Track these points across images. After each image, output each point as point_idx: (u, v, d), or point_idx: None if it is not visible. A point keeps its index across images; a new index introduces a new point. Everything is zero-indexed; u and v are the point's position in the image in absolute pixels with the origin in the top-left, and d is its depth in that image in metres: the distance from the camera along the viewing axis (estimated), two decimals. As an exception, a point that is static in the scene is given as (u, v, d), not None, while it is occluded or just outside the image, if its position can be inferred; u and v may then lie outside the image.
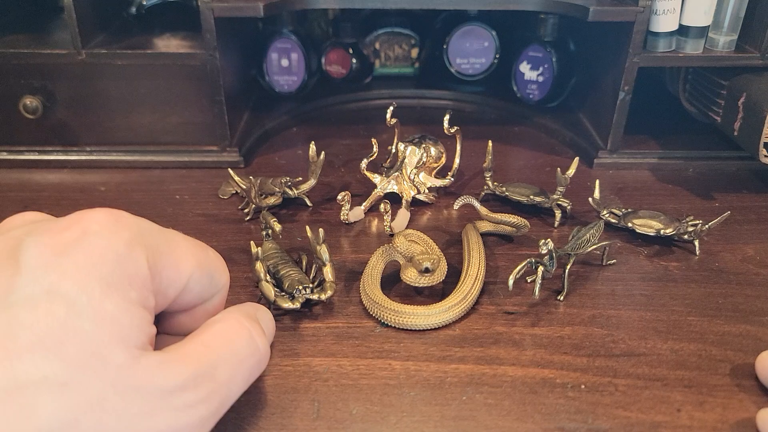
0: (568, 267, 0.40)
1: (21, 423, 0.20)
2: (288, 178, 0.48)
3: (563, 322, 0.37)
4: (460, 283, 0.39)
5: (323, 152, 0.48)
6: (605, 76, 0.56)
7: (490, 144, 0.48)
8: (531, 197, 0.48)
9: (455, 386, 0.33)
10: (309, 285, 0.37)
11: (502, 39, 0.67)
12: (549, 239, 0.37)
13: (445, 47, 0.67)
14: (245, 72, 0.64)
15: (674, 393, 0.32)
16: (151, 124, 0.55)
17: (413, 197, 0.49)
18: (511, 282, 0.37)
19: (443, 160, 0.51)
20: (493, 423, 0.31)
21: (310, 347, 0.35)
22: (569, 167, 0.45)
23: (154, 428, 0.22)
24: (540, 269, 0.38)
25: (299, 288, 0.37)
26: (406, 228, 0.46)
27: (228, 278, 0.30)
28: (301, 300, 0.37)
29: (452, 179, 0.50)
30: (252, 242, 0.40)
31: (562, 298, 0.39)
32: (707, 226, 0.43)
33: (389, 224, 0.45)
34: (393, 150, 0.52)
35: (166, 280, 0.25)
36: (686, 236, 0.44)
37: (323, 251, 0.38)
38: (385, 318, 0.37)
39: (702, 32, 0.50)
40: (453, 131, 0.49)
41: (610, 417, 0.31)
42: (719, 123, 0.53)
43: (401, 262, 0.40)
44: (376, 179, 0.49)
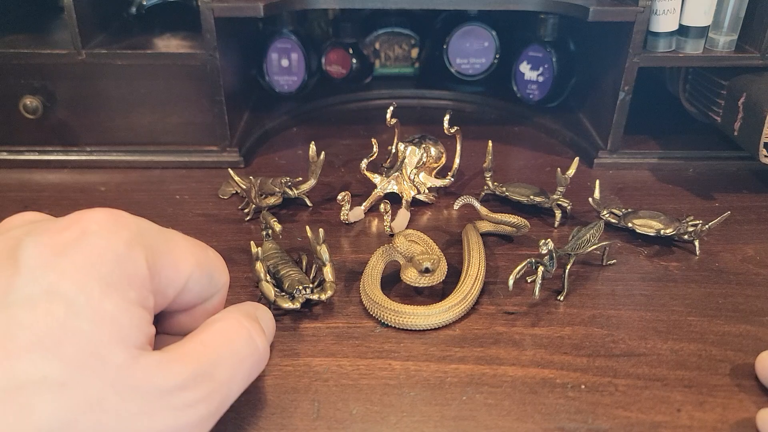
0: (568, 267, 0.40)
1: (20, 423, 0.20)
2: (288, 178, 0.48)
3: (563, 322, 0.37)
4: (460, 283, 0.39)
5: (323, 152, 0.48)
6: (605, 76, 0.56)
7: (490, 144, 0.48)
8: (531, 197, 0.48)
9: (455, 386, 0.33)
10: (309, 285, 0.37)
11: (502, 39, 0.67)
12: (549, 239, 0.37)
13: (445, 47, 0.67)
14: (245, 72, 0.64)
15: (674, 393, 0.32)
16: (151, 124, 0.55)
17: (413, 197, 0.49)
18: (511, 282, 0.37)
19: (443, 160, 0.51)
20: (493, 423, 0.31)
21: (310, 347, 0.35)
22: (569, 167, 0.45)
23: (154, 428, 0.22)
24: (540, 269, 0.38)
25: (299, 288, 0.37)
26: (406, 228, 0.46)
27: (228, 278, 0.30)
28: (301, 300, 0.37)
29: (452, 179, 0.50)
30: (252, 242, 0.39)
31: (562, 298, 0.39)
32: (707, 226, 0.43)
33: (389, 224, 0.45)
34: (393, 150, 0.52)
35: (166, 280, 0.25)
36: (686, 236, 0.44)
37: (323, 251, 0.38)
38: (385, 318, 0.37)
39: (702, 32, 0.50)
40: (453, 131, 0.49)
41: (610, 417, 0.31)
42: (719, 123, 0.53)
43: (401, 262, 0.40)
44: (376, 179, 0.49)
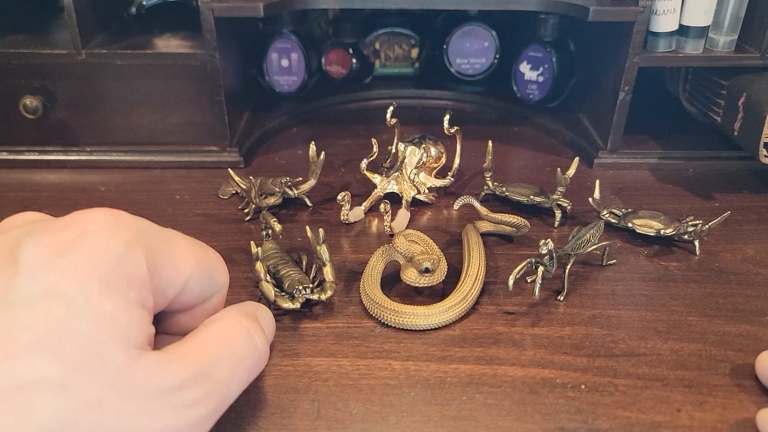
0: (568, 267, 0.39)
1: (20, 423, 0.20)
2: (288, 178, 0.48)
3: (563, 322, 0.37)
4: (460, 283, 0.39)
5: (323, 152, 0.48)
6: (605, 76, 0.56)
7: (490, 144, 0.48)
8: (531, 197, 0.48)
9: (455, 386, 0.33)
10: (309, 285, 0.37)
11: (502, 39, 0.67)
12: (549, 239, 0.37)
13: (445, 47, 0.67)
14: (245, 72, 0.64)
15: (674, 393, 0.32)
16: (151, 124, 0.55)
17: (413, 197, 0.49)
18: (511, 282, 0.37)
19: (443, 160, 0.51)
20: (493, 423, 0.31)
21: (310, 347, 0.35)
22: (569, 167, 0.45)
23: (153, 428, 0.22)
24: (540, 269, 0.38)
25: (299, 288, 0.37)
26: (406, 228, 0.46)
27: (227, 278, 0.30)
28: (301, 300, 0.37)
29: (452, 179, 0.50)
30: (252, 242, 0.39)
31: (562, 298, 0.39)
32: (707, 226, 0.43)
33: (389, 224, 0.45)
34: (393, 150, 0.52)
35: (165, 280, 0.25)
36: (686, 236, 0.44)
37: (323, 251, 0.38)
38: (385, 318, 0.37)
39: (702, 32, 0.50)
40: (453, 131, 0.49)
41: (610, 417, 0.31)
42: (719, 123, 0.53)
43: (401, 262, 0.40)
44: (376, 179, 0.49)
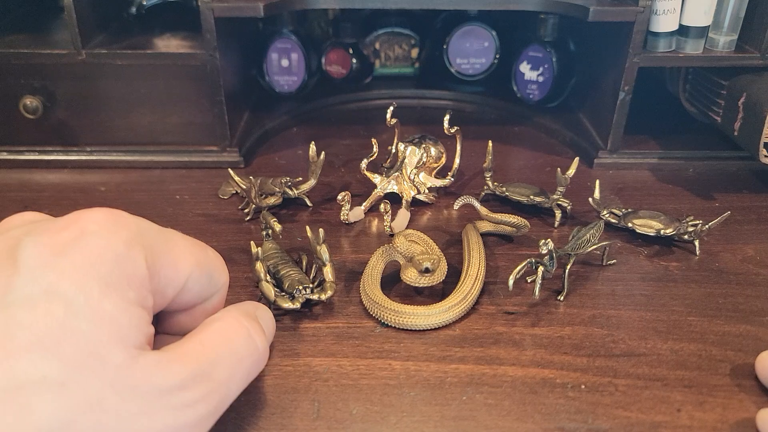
0: (568, 267, 0.39)
1: (20, 423, 0.20)
2: (288, 178, 0.48)
3: (563, 322, 0.37)
4: (460, 283, 0.39)
5: (323, 152, 0.48)
6: (605, 76, 0.56)
7: (490, 144, 0.48)
8: (531, 197, 0.48)
9: (455, 386, 0.33)
10: (309, 285, 0.37)
11: (502, 39, 0.67)
12: (549, 239, 0.37)
13: (445, 47, 0.67)
14: (245, 72, 0.64)
15: (674, 393, 0.32)
16: (151, 124, 0.55)
17: (413, 197, 0.49)
18: (511, 282, 0.37)
19: (443, 160, 0.51)
20: (493, 423, 0.31)
21: (310, 347, 0.35)
22: (569, 167, 0.45)
23: (153, 428, 0.22)
24: (540, 269, 0.38)
25: (299, 288, 0.37)
26: (406, 228, 0.46)
27: (227, 278, 0.30)
28: (301, 300, 0.37)
29: (452, 179, 0.50)
30: (252, 242, 0.39)
31: (562, 298, 0.39)
32: (707, 226, 0.43)
33: (389, 224, 0.45)
34: (393, 150, 0.52)
35: (165, 280, 0.25)
36: (686, 236, 0.44)
37: (323, 251, 0.38)
38: (385, 318, 0.37)
39: (702, 32, 0.50)
40: (453, 131, 0.49)
41: (610, 417, 0.31)
42: (719, 123, 0.53)
43: (401, 262, 0.40)
44: (376, 179, 0.49)
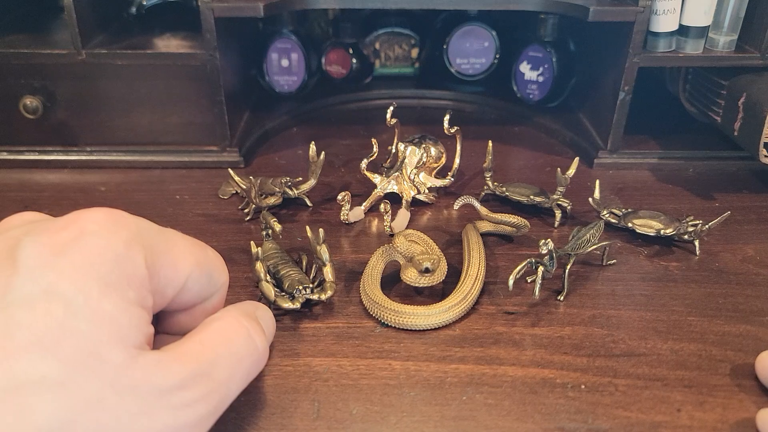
0: (568, 267, 0.39)
1: (19, 423, 0.20)
2: (288, 178, 0.48)
3: (563, 322, 0.37)
4: (460, 283, 0.39)
5: (323, 152, 0.48)
6: (605, 76, 0.56)
7: (490, 144, 0.48)
8: (531, 197, 0.48)
9: (455, 386, 0.33)
10: (309, 285, 0.37)
11: (502, 39, 0.67)
12: (549, 239, 0.37)
13: (445, 47, 0.67)
14: (245, 72, 0.64)
15: (674, 393, 0.32)
16: (151, 124, 0.55)
17: (413, 197, 0.49)
18: (511, 282, 0.37)
19: (443, 160, 0.51)
20: (493, 423, 0.31)
21: (310, 347, 0.35)
22: (569, 167, 0.45)
23: (153, 427, 0.22)
24: (540, 269, 0.38)
25: (299, 288, 0.37)
26: (406, 228, 0.46)
27: (227, 277, 0.30)
28: (301, 300, 0.37)
29: (452, 179, 0.50)
30: (252, 242, 0.39)
31: (562, 298, 0.39)
32: (707, 226, 0.43)
33: (389, 224, 0.45)
34: (393, 150, 0.52)
35: (165, 280, 0.25)
36: (686, 236, 0.44)
37: (323, 251, 0.38)
38: (385, 318, 0.36)
39: (702, 32, 0.50)
40: (453, 131, 0.49)
41: (610, 417, 0.31)
42: (719, 123, 0.53)
43: (401, 262, 0.40)
44: (376, 179, 0.49)
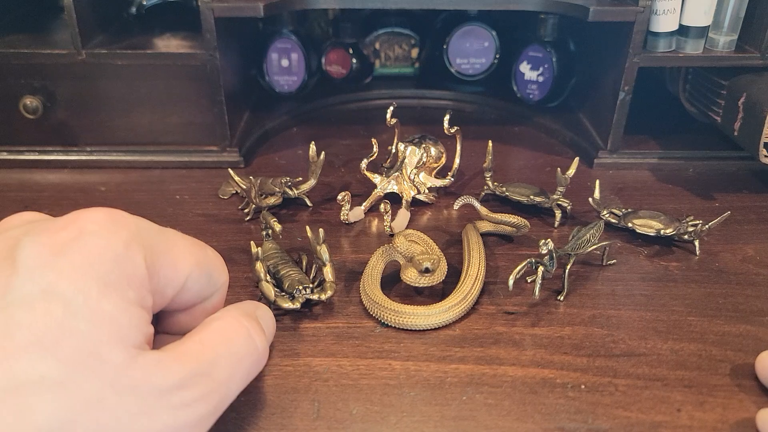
0: (568, 267, 0.39)
1: (19, 423, 0.20)
2: (288, 178, 0.48)
3: (563, 322, 0.37)
4: (460, 283, 0.38)
5: (323, 152, 0.48)
6: (605, 76, 0.56)
7: (490, 144, 0.48)
8: (531, 197, 0.48)
9: (455, 386, 0.33)
10: (309, 285, 0.37)
11: (502, 39, 0.67)
12: (549, 239, 0.37)
13: (445, 47, 0.67)
14: (245, 72, 0.64)
15: (674, 393, 0.32)
16: (151, 124, 0.55)
17: (413, 197, 0.49)
18: (511, 282, 0.37)
19: (443, 160, 0.51)
20: (493, 423, 0.31)
21: (310, 347, 0.35)
22: (569, 167, 0.45)
23: (152, 427, 0.22)
24: (540, 269, 0.37)
25: (299, 288, 0.37)
26: (406, 228, 0.46)
27: (227, 277, 0.30)
28: (301, 300, 0.37)
29: (452, 179, 0.50)
30: (252, 242, 0.39)
31: (562, 298, 0.39)
32: (707, 226, 0.43)
33: (389, 224, 0.45)
34: (393, 150, 0.52)
35: (164, 280, 0.25)
36: (686, 236, 0.44)
37: (323, 251, 0.38)
38: (385, 318, 0.36)
39: (702, 32, 0.50)
40: (453, 131, 0.49)
41: (610, 417, 0.31)
42: (719, 123, 0.53)
43: (401, 262, 0.40)
44: (376, 179, 0.49)
